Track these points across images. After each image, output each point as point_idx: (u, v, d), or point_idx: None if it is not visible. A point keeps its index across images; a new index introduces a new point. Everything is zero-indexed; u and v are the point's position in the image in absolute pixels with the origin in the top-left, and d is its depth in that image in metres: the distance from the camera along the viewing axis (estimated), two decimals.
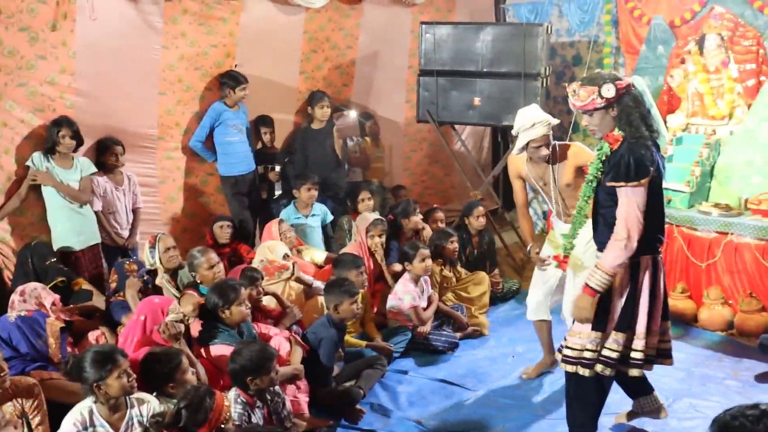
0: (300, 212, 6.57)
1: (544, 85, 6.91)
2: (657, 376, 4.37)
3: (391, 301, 5.79)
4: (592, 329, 3.77)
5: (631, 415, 4.41)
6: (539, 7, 8.30)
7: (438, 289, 6.13)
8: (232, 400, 3.78)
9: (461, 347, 5.71)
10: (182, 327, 4.24)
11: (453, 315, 5.94)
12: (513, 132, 4.63)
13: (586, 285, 3.64)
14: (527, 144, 4.53)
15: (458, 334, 5.80)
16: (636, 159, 3.53)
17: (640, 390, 4.22)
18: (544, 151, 4.53)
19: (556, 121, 4.61)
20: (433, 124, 7.22)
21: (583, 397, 3.95)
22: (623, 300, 3.75)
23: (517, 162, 4.80)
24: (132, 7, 5.90)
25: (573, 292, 4.44)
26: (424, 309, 5.79)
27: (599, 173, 3.80)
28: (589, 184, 3.87)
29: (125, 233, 6.09)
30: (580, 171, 4.47)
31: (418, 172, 8.72)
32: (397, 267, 6.06)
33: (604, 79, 3.63)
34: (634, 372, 3.83)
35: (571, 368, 3.87)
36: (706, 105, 6.50)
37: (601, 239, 3.76)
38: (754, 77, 6.28)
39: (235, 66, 6.65)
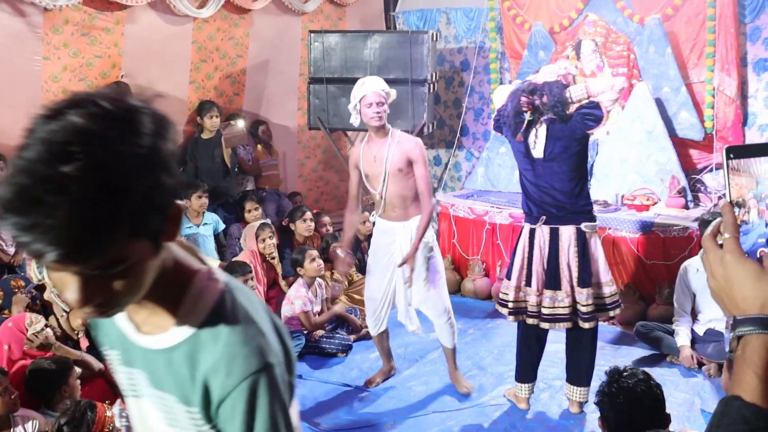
0: (192, 221, 6.52)
1: (432, 90, 7.10)
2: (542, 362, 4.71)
3: (285, 306, 5.83)
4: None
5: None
6: (428, 15, 8.48)
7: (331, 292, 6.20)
8: (117, 414, 3.75)
9: (355, 349, 5.78)
10: (49, 331, 4.17)
11: (346, 317, 6.02)
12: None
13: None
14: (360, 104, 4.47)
15: (352, 336, 5.88)
16: None
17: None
18: (374, 110, 4.42)
19: (393, 93, 4.57)
20: (325, 131, 7.30)
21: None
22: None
23: (355, 151, 4.83)
24: (8, 16, 5.72)
25: (415, 295, 4.77)
26: (318, 314, 5.86)
27: None
28: None
29: (11, 250, 5.91)
30: (410, 163, 4.50)
31: (313, 178, 8.77)
32: (291, 279, 6.12)
33: None
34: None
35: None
36: None
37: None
38: (626, 80, 6.62)
39: (122, 76, 6.55)
